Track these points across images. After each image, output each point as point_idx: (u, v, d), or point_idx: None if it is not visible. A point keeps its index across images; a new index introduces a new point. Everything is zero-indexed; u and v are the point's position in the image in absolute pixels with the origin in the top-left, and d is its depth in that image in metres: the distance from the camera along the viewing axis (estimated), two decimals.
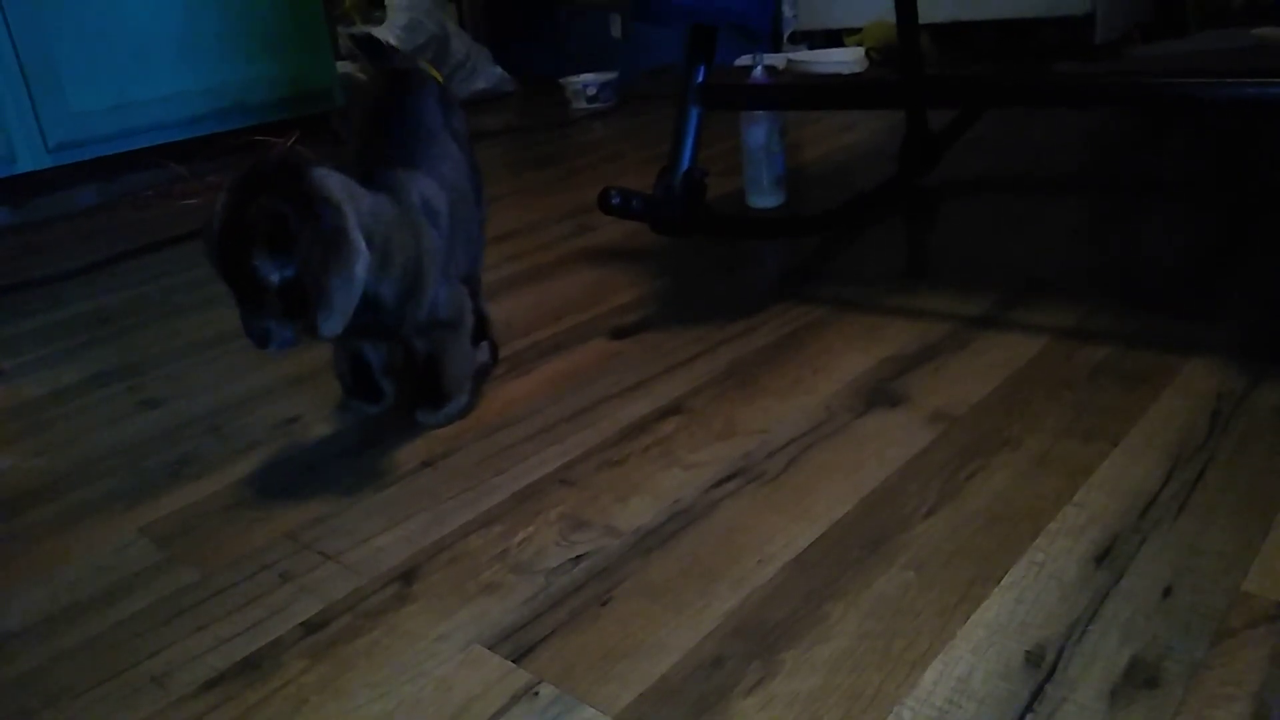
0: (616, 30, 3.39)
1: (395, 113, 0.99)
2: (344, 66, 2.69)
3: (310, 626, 0.69)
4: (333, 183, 0.80)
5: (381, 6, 2.86)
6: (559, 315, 1.24)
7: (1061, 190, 1.63)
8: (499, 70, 3.29)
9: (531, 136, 2.60)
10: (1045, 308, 1.10)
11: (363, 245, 0.79)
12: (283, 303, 0.78)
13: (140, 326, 1.39)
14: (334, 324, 0.78)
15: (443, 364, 0.96)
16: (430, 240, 0.91)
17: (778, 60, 3.19)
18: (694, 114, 1.19)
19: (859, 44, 3.13)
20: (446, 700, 0.60)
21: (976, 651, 0.59)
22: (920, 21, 1.59)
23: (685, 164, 1.17)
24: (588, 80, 2.98)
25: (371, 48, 1.08)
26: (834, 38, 3.30)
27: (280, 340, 0.80)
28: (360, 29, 2.82)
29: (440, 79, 1.09)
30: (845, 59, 3.07)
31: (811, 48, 3.34)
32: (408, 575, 0.73)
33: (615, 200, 1.11)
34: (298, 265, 0.76)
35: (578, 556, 0.73)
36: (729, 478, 0.82)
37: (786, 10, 3.39)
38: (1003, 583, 0.65)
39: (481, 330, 1.08)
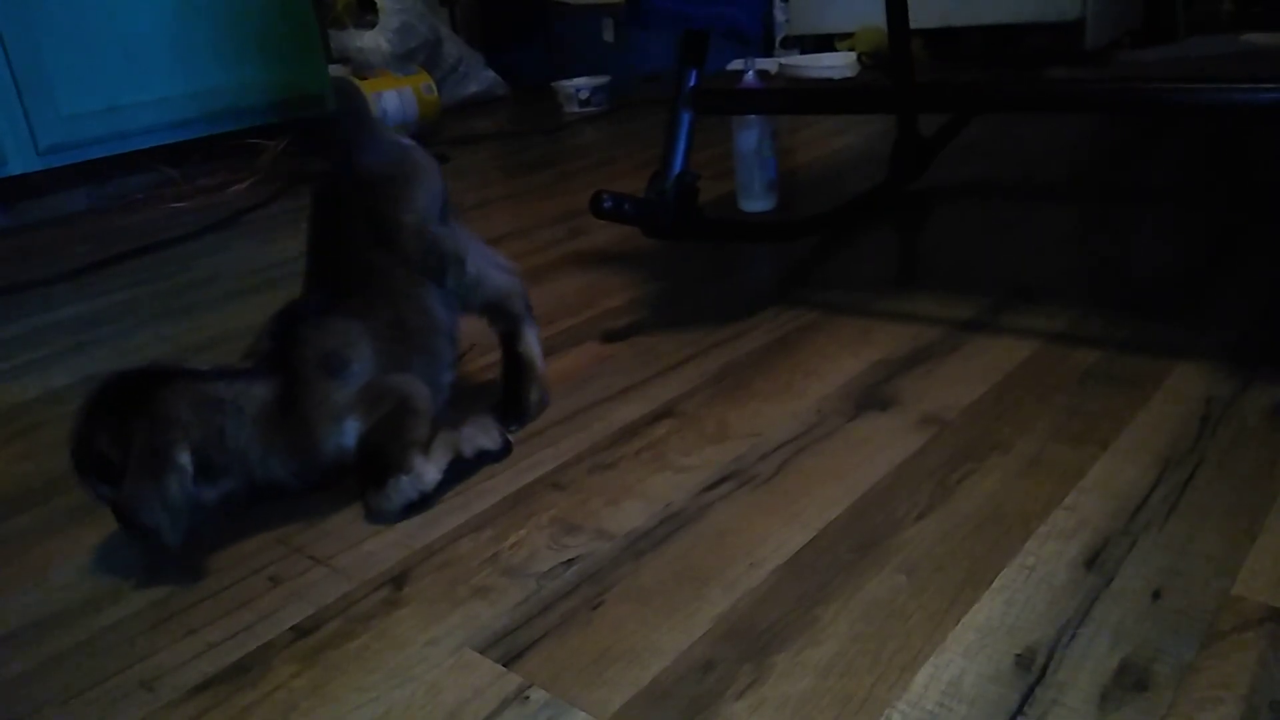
0: (609, 34, 3.39)
1: (318, 245, 0.91)
2: (335, 70, 2.69)
3: (300, 631, 0.68)
4: (171, 401, 0.76)
5: (373, 10, 2.86)
6: (551, 319, 1.24)
7: (1052, 195, 1.64)
8: (491, 74, 3.29)
9: (524, 140, 2.60)
10: (1036, 312, 1.10)
11: (179, 460, 0.74)
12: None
13: (130, 330, 1.39)
14: (163, 537, 0.73)
15: (379, 436, 0.82)
16: (317, 393, 0.81)
17: (769, 65, 3.20)
18: (686, 118, 1.19)
19: (851, 49, 3.14)
20: (437, 704, 0.60)
21: (967, 654, 0.59)
22: (911, 26, 1.59)
23: (677, 168, 1.17)
24: (580, 84, 2.98)
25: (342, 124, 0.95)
26: (826, 42, 3.31)
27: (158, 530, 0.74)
28: (353, 33, 2.82)
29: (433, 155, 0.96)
30: (837, 64, 3.08)
31: (803, 52, 3.35)
32: (398, 579, 0.73)
33: (607, 204, 1.11)
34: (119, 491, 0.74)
35: (569, 560, 0.73)
36: (721, 481, 0.82)
37: (778, 15, 3.39)
38: (993, 586, 0.65)
39: (513, 396, 0.96)
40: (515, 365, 0.97)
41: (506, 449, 0.90)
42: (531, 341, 0.99)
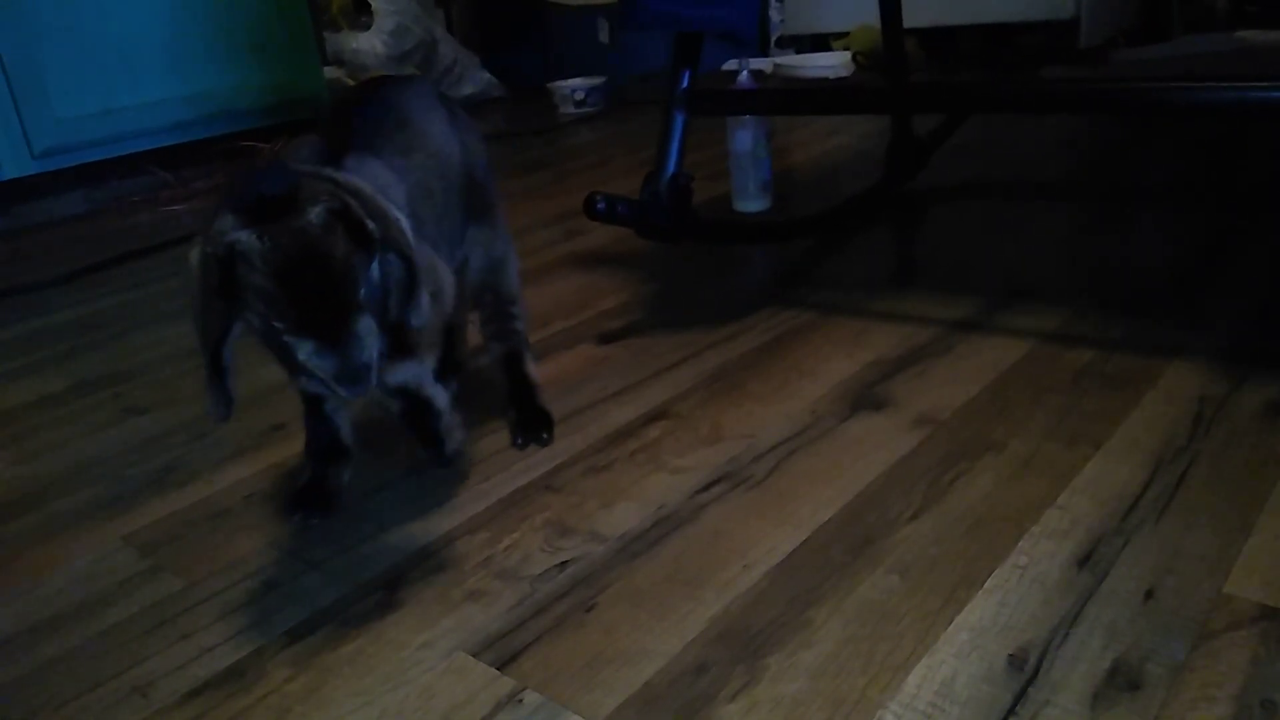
0: (604, 35, 3.39)
1: (364, 102, 0.85)
2: (330, 72, 2.69)
3: (294, 635, 0.68)
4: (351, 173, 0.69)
5: (369, 12, 2.86)
6: (546, 320, 1.24)
7: (1046, 195, 1.64)
8: (487, 75, 3.29)
9: (519, 141, 2.60)
10: (1029, 312, 1.10)
11: (395, 211, 0.69)
12: (374, 319, 0.65)
13: (125, 334, 1.39)
14: (426, 309, 0.68)
15: (416, 415, 0.81)
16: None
17: (764, 65, 3.20)
18: (680, 119, 1.19)
19: (845, 48, 3.14)
20: (430, 708, 0.60)
21: (960, 655, 0.60)
22: (906, 26, 1.60)
23: (671, 169, 1.17)
24: (576, 85, 2.98)
25: None
26: (821, 42, 3.31)
27: (372, 371, 0.66)
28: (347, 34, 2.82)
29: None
30: (832, 63, 3.08)
31: (798, 52, 3.35)
32: (392, 583, 0.73)
33: (601, 205, 1.11)
34: (384, 267, 0.66)
35: (563, 563, 0.73)
36: (714, 483, 0.82)
37: (773, 14, 3.40)
38: (986, 586, 0.65)
39: (538, 412, 0.95)
40: (525, 385, 0.97)
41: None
42: (534, 366, 0.99)
